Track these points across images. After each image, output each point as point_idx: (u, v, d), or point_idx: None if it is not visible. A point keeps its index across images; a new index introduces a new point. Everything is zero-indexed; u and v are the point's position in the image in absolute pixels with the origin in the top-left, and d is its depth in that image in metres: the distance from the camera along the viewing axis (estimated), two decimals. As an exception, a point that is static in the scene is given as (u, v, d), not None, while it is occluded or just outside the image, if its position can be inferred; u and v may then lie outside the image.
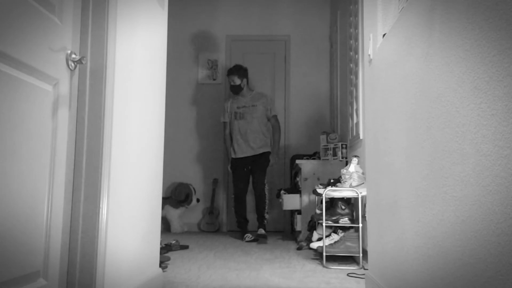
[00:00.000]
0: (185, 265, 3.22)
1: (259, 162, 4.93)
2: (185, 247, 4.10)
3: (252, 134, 4.90)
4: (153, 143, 2.43)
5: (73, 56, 1.71)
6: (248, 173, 4.99)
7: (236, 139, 4.96)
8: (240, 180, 4.97)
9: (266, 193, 4.95)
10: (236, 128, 4.98)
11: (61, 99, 1.66)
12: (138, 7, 2.17)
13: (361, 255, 3.28)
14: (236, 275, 2.90)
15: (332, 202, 3.55)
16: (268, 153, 4.95)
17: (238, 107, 4.99)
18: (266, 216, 4.96)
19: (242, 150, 4.93)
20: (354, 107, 4.09)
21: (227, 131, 5.07)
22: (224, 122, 5.11)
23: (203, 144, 5.95)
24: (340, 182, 3.48)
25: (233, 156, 4.98)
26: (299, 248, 4.10)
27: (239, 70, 4.97)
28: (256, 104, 4.96)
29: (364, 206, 3.42)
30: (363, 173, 3.39)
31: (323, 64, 6.01)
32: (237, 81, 4.94)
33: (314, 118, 5.94)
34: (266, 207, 4.96)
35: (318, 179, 4.48)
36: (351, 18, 4.33)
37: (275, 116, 5.04)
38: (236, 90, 4.99)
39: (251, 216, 5.18)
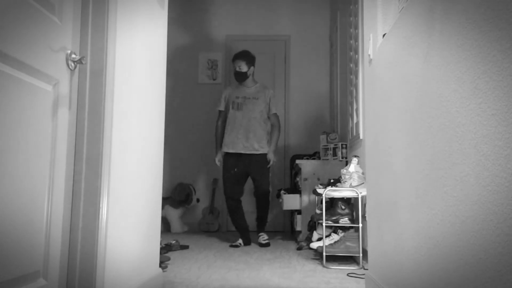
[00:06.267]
0: (185, 265, 3.21)
1: (257, 164, 4.42)
2: (185, 247, 4.10)
3: (248, 130, 4.39)
4: (153, 143, 2.43)
5: (73, 56, 1.71)
6: (242, 174, 4.46)
7: (228, 131, 4.43)
8: (230, 179, 4.43)
9: (270, 198, 4.56)
10: (231, 119, 4.44)
11: (61, 99, 1.66)
12: (138, 7, 2.17)
13: (361, 255, 3.28)
14: (236, 275, 2.90)
15: (332, 202, 3.55)
16: (265, 154, 4.44)
17: (237, 97, 4.46)
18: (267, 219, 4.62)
19: (233, 145, 4.40)
20: (354, 107, 4.09)
21: (220, 122, 4.54)
22: (220, 111, 4.57)
23: (203, 144, 5.94)
24: (340, 182, 3.48)
25: (224, 150, 4.46)
26: (299, 248, 4.10)
27: (247, 56, 4.47)
28: (258, 98, 4.45)
29: (364, 206, 3.42)
30: (363, 173, 3.39)
31: (323, 64, 6.01)
32: (244, 68, 4.43)
33: (314, 118, 5.94)
34: (269, 207, 4.60)
35: (318, 179, 4.47)
36: (351, 18, 4.33)
37: (275, 115, 4.50)
38: (240, 77, 4.46)
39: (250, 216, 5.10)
